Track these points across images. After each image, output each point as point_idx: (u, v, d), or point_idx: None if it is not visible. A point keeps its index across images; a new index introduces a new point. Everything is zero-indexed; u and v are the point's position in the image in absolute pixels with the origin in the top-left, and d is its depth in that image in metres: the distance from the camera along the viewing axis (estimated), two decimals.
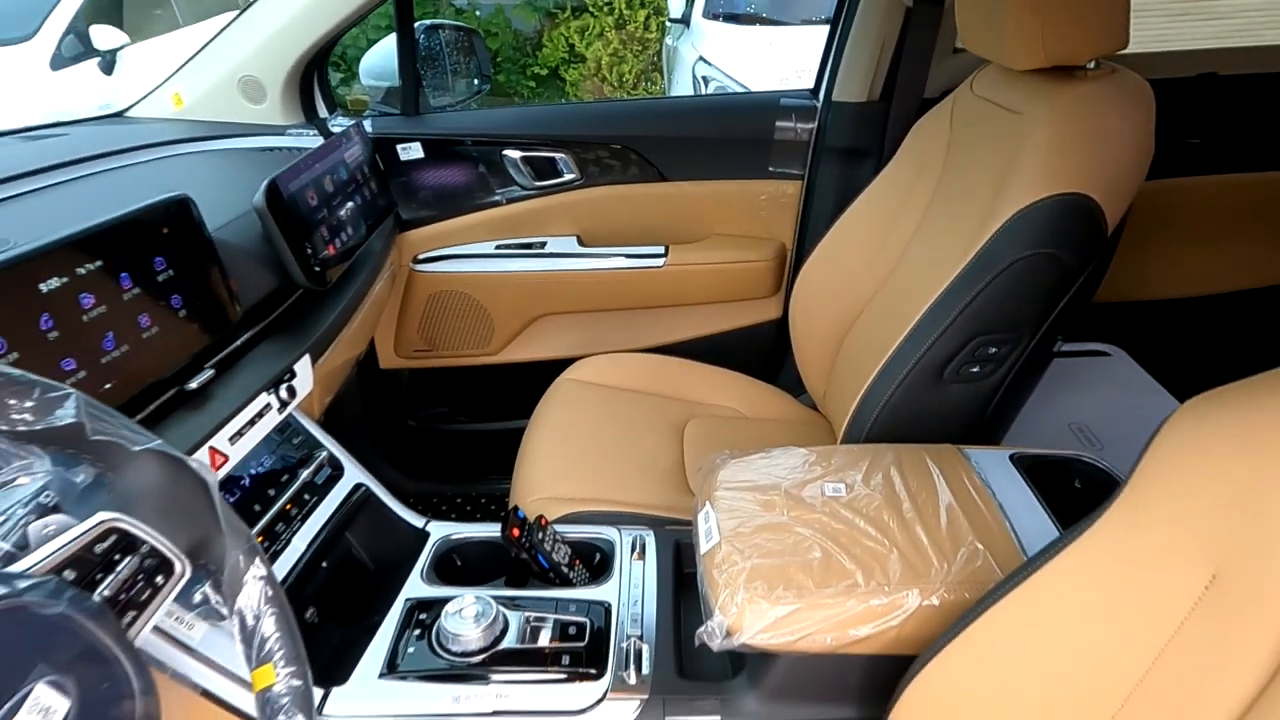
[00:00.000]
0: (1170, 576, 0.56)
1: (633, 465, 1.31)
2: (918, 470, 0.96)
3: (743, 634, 0.79)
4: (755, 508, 0.91)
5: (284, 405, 1.01)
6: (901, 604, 0.79)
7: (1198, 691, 0.54)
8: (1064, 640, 0.63)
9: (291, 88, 1.51)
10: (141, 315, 0.85)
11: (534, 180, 1.66)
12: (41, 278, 0.75)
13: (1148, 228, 1.67)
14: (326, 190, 1.21)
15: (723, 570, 0.83)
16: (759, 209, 1.69)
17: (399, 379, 1.81)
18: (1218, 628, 0.53)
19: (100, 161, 1.27)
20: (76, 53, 4.47)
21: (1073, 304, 1.04)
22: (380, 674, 0.87)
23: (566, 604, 0.95)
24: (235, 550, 0.56)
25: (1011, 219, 0.99)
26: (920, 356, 1.04)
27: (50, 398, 0.48)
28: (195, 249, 0.94)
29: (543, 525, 1.03)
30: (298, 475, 1.03)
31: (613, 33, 6.18)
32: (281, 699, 0.55)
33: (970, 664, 0.69)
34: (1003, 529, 0.87)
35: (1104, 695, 0.60)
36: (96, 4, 4.60)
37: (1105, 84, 1.04)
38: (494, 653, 0.88)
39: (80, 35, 4.48)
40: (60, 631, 0.43)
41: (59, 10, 4.41)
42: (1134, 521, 0.59)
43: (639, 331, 1.75)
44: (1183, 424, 0.58)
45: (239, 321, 1.01)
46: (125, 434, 0.52)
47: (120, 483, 0.53)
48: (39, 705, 0.40)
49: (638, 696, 0.85)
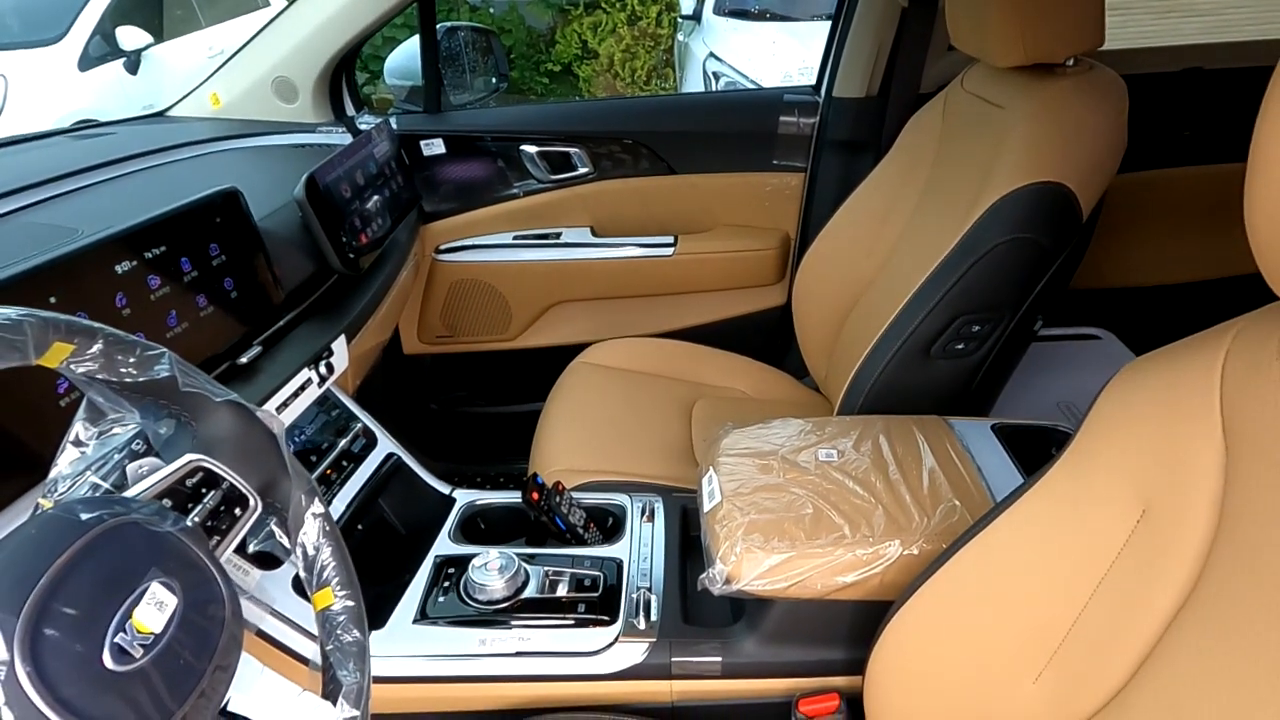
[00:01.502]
0: (1108, 515, 0.64)
1: (644, 442, 1.39)
2: (905, 438, 1.04)
3: (741, 580, 0.87)
4: (754, 471, 1.00)
5: (323, 380, 1.10)
6: (884, 553, 0.87)
7: (1132, 609, 0.62)
8: (1020, 576, 0.71)
9: (322, 88, 1.60)
10: (199, 296, 0.95)
11: (550, 174, 1.75)
12: (117, 260, 0.84)
13: (1136, 217, 1.74)
14: (358, 183, 1.30)
15: (723, 525, 0.91)
16: (764, 200, 1.78)
17: (422, 364, 1.90)
18: (1147, 555, 0.61)
19: (148, 158, 1.36)
20: (103, 53, 4.60)
21: (1051, 286, 1.12)
22: (414, 620, 0.97)
23: (582, 560, 1.04)
24: (298, 490, 0.66)
25: (993, 206, 1.07)
26: (909, 335, 1.12)
27: (149, 355, 0.57)
28: (244, 237, 1.03)
29: (560, 490, 1.11)
30: (336, 444, 1.13)
31: (625, 29, 6.26)
32: (339, 616, 0.64)
33: (940, 604, 0.77)
34: (980, 489, 0.95)
35: (1055, 621, 0.68)
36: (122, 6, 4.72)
37: (1081, 80, 1.12)
38: (516, 601, 0.97)
39: (107, 36, 4.61)
40: (166, 545, 0.52)
41: (86, 12, 4.54)
42: (1078, 470, 0.67)
43: (650, 317, 1.84)
44: (1119, 386, 0.66)
45: (282, 303, 1.10)
46: (208, 388, 0.61)
47: (203, 430, 0.62)
48: (155, 598, 0.49)
49: (646, 640, 0.94)
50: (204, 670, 0.50)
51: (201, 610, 0.52)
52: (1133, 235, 1.75)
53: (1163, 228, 1.77)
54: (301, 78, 1.58)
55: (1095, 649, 0.65)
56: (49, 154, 1.37)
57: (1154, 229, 1.77)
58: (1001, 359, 1.17)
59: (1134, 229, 1.75)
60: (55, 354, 0.52)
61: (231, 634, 0.53)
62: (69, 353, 0.52)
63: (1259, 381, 0.54)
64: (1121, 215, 1.63)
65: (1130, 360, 0.67)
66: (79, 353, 0.53)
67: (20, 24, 4.57)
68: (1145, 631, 0.61)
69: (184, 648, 0.50)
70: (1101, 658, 0.64)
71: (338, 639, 0.63)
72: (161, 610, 0.49)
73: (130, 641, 0.47)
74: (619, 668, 0.93)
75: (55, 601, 0.45)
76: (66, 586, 0.46)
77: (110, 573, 0.48)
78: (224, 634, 0.53)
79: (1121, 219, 1.64)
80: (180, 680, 0.49)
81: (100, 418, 0.63)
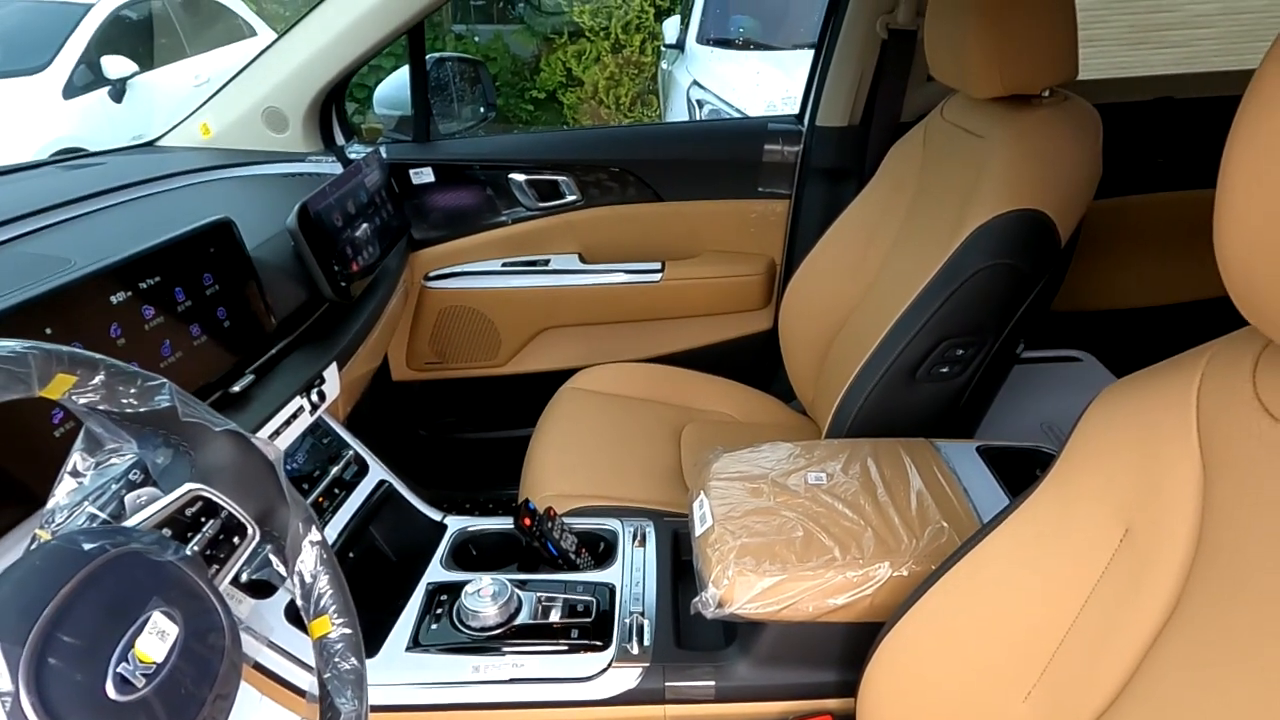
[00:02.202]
0: (1091, 536, 0.66)
1: (633, 466, 1.40)
2: (892, 460, 1.05)
3: (734, 604, 0.88)
4: (744, 495, 1.01)
5: (315, 408, 1.11)
6: (874, 575, 0.88)
7: (1117, 629, 0.63)
8: (1007, 596, 0.72)
9: (312, 118, 1.62)
10: (193, 325, 0.95)
11: (538, 201, 1.77)
12: (111, 291, 0.85)
13: (1113, 241, 1.78)
14: (349, 212, 1.31)
15: (715, 548, 0.92)
16: (749, 226, 1.80)
17: (411, 390, 1.91)
18: (1130, 575, 0.63)
19: (139, 188, 1.36)
20: (88, 81, 4.61)
21: (1032, 310, 1.14)
22: (407, 648, 0.97)
23: (574, 585, 1.05)
24: (296, 519, 0.66)
25: (974, 233, 1.10)
26: (894, 358, 1.14)
27: (150, 385, 0.58)
28: (237, 266, 1.04)
29: (551, 516, 1.12)
30: (328, 472, 1.13)
31: (609, 57, 6.34)
32: (336, 644, 0.65)
33: (929, 624, 0.78)
34: (966, 510, 0.96)
35: (1043, 640, 0.69)
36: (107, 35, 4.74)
37: (1057, 111, 1.15)
38: (509, 628, 0.98)
39: (91, 65, 4.62)
40: (167, 574, 0.53)
41: (72, 41, 4.55)
42: (1061, 492, 0.69)
43: (638, 343, 1.85)
44: (1099, 409, 0.68)
45: (274, 332, 1.11)
46: (207, 417, 0.62)
47: (201, 459, 0.63)
48: (157, 627, 0.50)
49: (640, 665, 0.94)
50: (205, 699, 0.51)
51: (202, 639, 0.53)
52: (1110, 260, 1.79)
53: (1139, 252, 1.81)
54: (292, 108, 1.59)
55: (1082, 668, 0.66)
56: (38, 184, 1.37)
57: (1131, 253, 1.81)
58: (985, 381, 1.19)
59: (1111, 254, 1.79)
60: (58, 385, 0.52)
61: (232, 662, 0.54)
62: (71, 384, 0.53)
63: (1233, 404, 0.56)
64: (1099, 240, 1.66)
65: (1110, 381, 0.69)
66: (81, 384, 0.54)
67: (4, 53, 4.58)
68: (1130, 650, 0.62)
69: (185, 677, 0.50)
70: (1089, 676, 0.65)
71: (335, 667, 0.64)
72: (163, 640, 0.50)
73: (133, 671, 0.47)
74: (613, 693, 0.93)
75: (59, 631, 0.45)
76: (70, 617, 0.46)
77: (112, 602, 0.49)
78: (224, 662, 0.53)
79: (1099, 244, 1.68)
80: (182, 709, 0.49)
81: (98, 448, 0.64)
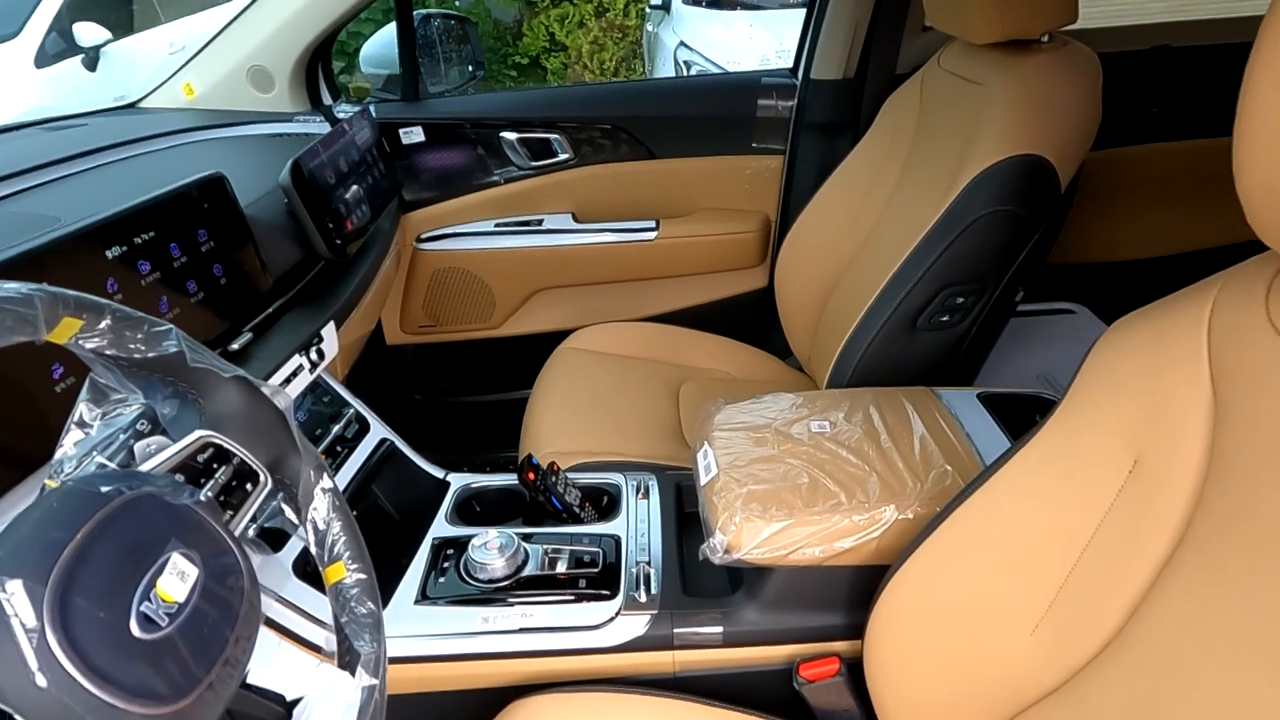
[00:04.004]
0: (1100, 468, 0.66)
1: (633, 423, 1.41)
2: (894, 408, 1.06)
3: (741, 549, 0.89)
4: (749, 444, 1.01)
5: (314, 366, 1.10)
6: (880, 518, 0.89)
7: (1126, 558, 0.64)
8: (1014, 534, 0.72)
9: (298, 77, 1.58)
10: (189, 282, 0.94)
11: (530, 161, 1.75)
12: (107, 246, 0.83)
13: (1108, 193, 1.78)
14: (341, 170, 1.29)
15: (721, 496, 0.92)
16: (744, 183, 1.79)
17: (405, 354, 1.90)
18: (1140, 504, 0.63)
19: (124, 149, 1.34)
20: (60, 49, 4.50)
21: (1031, 257, 1.14)
22: (415, 600, 0.97)
23: (580, 538, 1.05)
24: (307, 466, 0.66)
25: (974, 179, 1.09)
26: (895, 308, 1.14)
27: (156, 331, 0.57)
28: (232, 223, 1.02)
29: (555, 470, 1.12)
30: (330, 430, 1.12)
31: (592, 20, 6.24)
32: (352, 589, 0.65)
33: (935, 565, 0.79)
34: (970, 454, 0.97)
35: (1050, 575, 0.70)
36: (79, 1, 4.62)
37: (1056, 56, 1.14)
38: (517, 580, 0.98)
39: (64, 32, 4.51)
40: (184, 516, 0.52)
41: (42, 8, 4.43)
42: (1070, 426, 0.69)
43: (633, 302, 1.85)
44: (1108, 343, 0.68)
45: (270, 291, 1.10)
46: (216, 364, 0.61)
47: (211, 406, 0.62)
48: (177, 568, 0.49)
49: (648, 612, 0.95)
50: (228, 639, 0.51)
51: (221, 580, 0.52)
52: (1104, 212, 1.79)
53: (1133, 204, 1.82)
54: (277, 66, 1.56)
55: (1090, 599, 0.67)
56: (21, 146, 1.34)
57: (1124, 205, 1.81)
58: (985, 330, 1.19)
59: (1105, 206, 1.79)
60: (64, 330, 0.51)
61: (251, 603, 0.54)
62: (78, 328, 0.52)
63: (1245, 328, 0.57)
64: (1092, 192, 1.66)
65: (1104, 332, 0.69)
66: (88, 328, 0.53)
67: None
68: (1139, 578, 0.63)
69: (207, 617, 0.50)
70: (1096, 607, 0.66)
71: (352, 611, 0.64)
72: (184, 580, 0.50)
73: (156, 610, 0.47)
74: (622, 640, 0.94)
75: (81, 571, 0.45)
76: (90, 556, 0.46)
77: (132, 543, 0.48)
78: (244, 603, 0.53)
79: (1092, 196, 1.67)
80: (206, 649, 0.49)
81: (104, 399, 0.63)
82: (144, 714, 0.44)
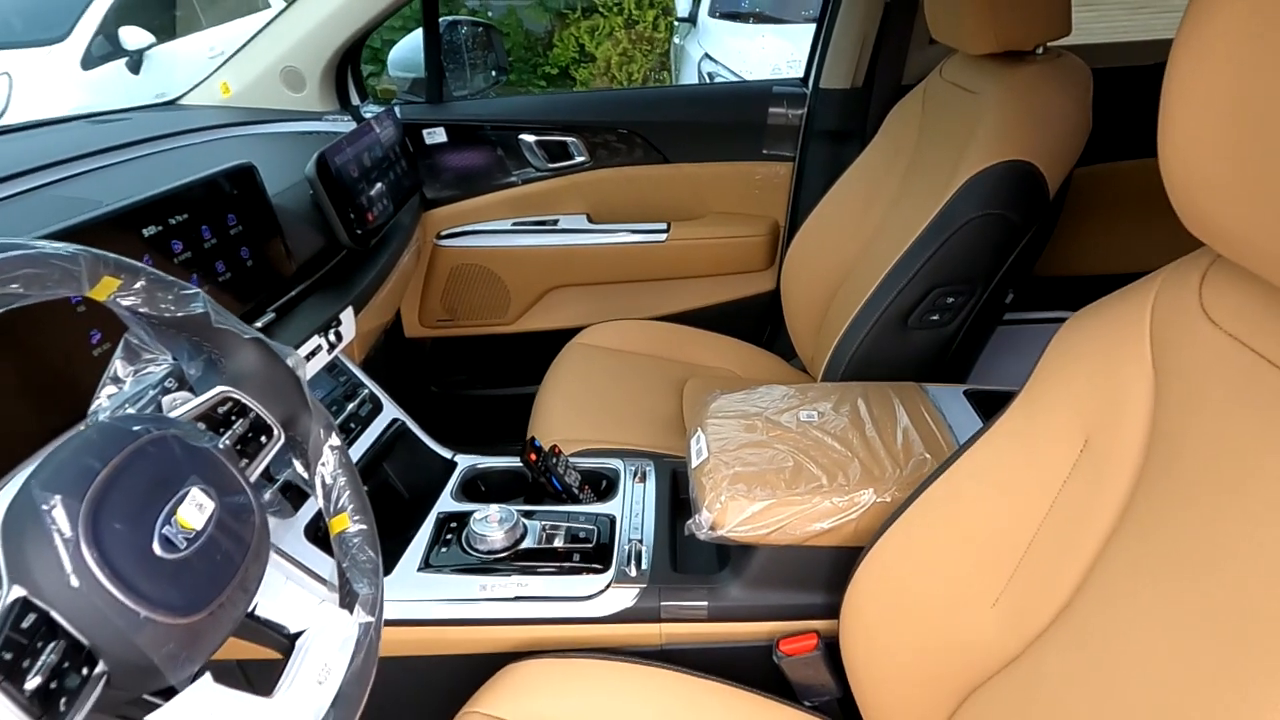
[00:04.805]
0: (1055, 448, 0.70)
1: (636, 416, 1.46)
2: (881, 401, 1.10)
3: (725, 526, 0.93)
4: (739, 431, 1.06)
5: (332, 347, 1.16)
6: (858, 501, 0.93)
7: (1076, 532, 0.68)
8: (977, 512, 0.76)
9: (328, 77, 1.66)
10: (218, 262, 1.01)
11: (547, 162, 1.81)
12: (143, 225, 0.90)
13: (1104, 207, 1.81)
14: (365, 165, 1.36)
15: (709, 476, 0.97)
16: (754, 188, 1.84)
17: (422, 347, 1.96)
18: (1089, 481, 0.67)
19: (162, 142, 1.42)
20: (106, 52, 4.66)
21: (1021, 260, 1.18)
22: (418, 568, 1.02)
23: (577, 516, 1.10)
24: (317, 425, 0.72)
25: (965, 183, 1.14)
26: (887, 305, 1.19)
27: (185, 293, 0.63)
28: (259, 209, 1.09)
29: (556, 453, 1.17)
30: (345, 408, 1.19)
31: (622, 32, 6.33)
32: (354, 538, 0.70)
33: (905, 545, 0.82)
34: (951, 444, 1.01)
35: (1010, 550, 0.74)
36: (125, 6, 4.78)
37: (1049, 67, 1.18)
38: (515, 551, 1.03)
39: (110, 36, 4.67)
40: (203, 457, 0.58)
41: (90, 12, 4.60)
42: (1029, 410, 0.74)
43: (643, 302, 1.90)
44: (1066, 331, 0.72)
45: (293, 275, 1.16)
46: (236, 326, 0.67)
47: (231, 365, 0.68)
48: (196, 501, 0.55)
49: (637, 585, 1.00)
50: (239, 567, 0.56)
51: (235, 515, 0.58)
52: (1101, 224, 1.82)
53: (1131, 217, 1.83)
54: (309, 67, 1.64)
55: (1044, 572, 0.71)
56: (67, 137, 1.43)
57: (1122, 218, 1.83)
58: (975, 331, 1.23)
59: (1103, 218, 1.81)
60: (104, 287, 0.58)
61: (261, 539, 0.59)
62: (116, 287, 0.58)
63: (1181, 315, 0.61)
64: (1090, 205, 1.69)
65: None
66: (125, 287, 0.59)
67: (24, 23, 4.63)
68: (1087, 551, 0.67)
69: (221, 546, 0.56)
70: (1050, 580, 0.70)
71: (353, 558, 0.69)
72: (201, 511, 0.55)
73: (176, 534, 0.53)
74: (611, 611, 0.98)
75: (112, 494, 0.51)
76: (120, 482, 0.52)
77: (156, 475, 0.54)
78: (255, 538, 0.59)
79: (1090, 208, 1.71)
80: (219, 573, 0.55)
81: (136, 357, 0.69)
82: (161, 621, 0.50)
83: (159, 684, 0.51)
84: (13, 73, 4.31)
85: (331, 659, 0.62)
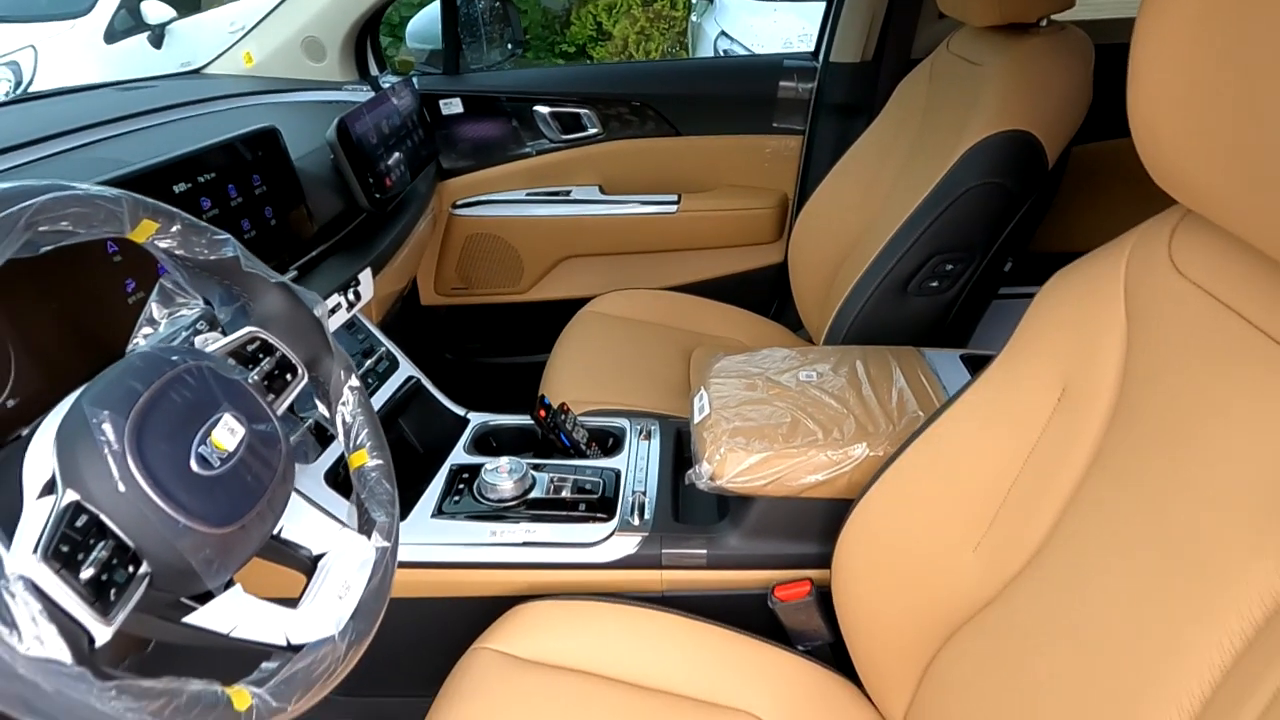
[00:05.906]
0: (1034, 398, 0.74)
1: (644, 380, 1.50)
2: (879, 363, 1.14)
3: (723, 477, 0.98)
4: (740, 389, 1.10)
5: (351, 306, 1.21)
6: (852, 454, 0.97)
7: (1051, 476, 0.72)
8: (962, 461, 0.80)
9: (348, 48, 1.70)
10: (243, 220, 1.06)
11: (561, 134, 1.85)
12: (174, 181, 0.95)
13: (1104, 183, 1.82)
14: (384, 132, 1.41)
15: (710, 430, 1.02)
16: (763, 161, 1.87)
17: (438, 315, 2.01)
18: (1065, 426, 0.71)
19: (186, 109, 1.47)
20: (129, 26, 4.71)
21: (1018, 230, 1.21)
22: (431, 515, 1.07)
23: (584, 469, 1.15)
24: (338, 366, 0.76)
25: (966, 153, 1.17)
26: (887, 272, 1.22)
27: (217, 239, 0.68)
28: (282, 171, 1.14)
29: (565, 410, 1.22)
30: (363, 364, 1.24)
31: (640, 10, 6.31)
32: (372, 472, 0.75)
33: (893, 495, 0.86)
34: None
35: (991, 496, 0.78)
36: None
37: (1051, 39, 1.21)
38: (524, 500, 1.08)
39: (132, 10, 4.71)
40: (235, 388, 0.63)
41: None
42: (1012, 361, 0.77)
43: (654, 272, 1.94)
44: (1049, 287, 0.76)
45: (314, 236, 1.21)
46: (264, 271, 0.72)
47: (258, 307, 0.73)
48: (228, 425, 0.60)
49: (640, 534, 1.04)
50: (266, 487, 0.61)
51: (264, 442, 0.63)
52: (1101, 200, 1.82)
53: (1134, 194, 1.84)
54: (329, 38, 1.68)
55: (1021, 516, 0.74)
56: (96, 103, 1.48)
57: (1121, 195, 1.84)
58: (973, 298, 1.26)
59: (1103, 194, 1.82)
60: (143, 230, 0.63)
61: (287, 465, 0.64)
62: (154, 230, 0.63)
63: (1152, 268, 0.64)
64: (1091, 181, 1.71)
65: None
66: (162, 231, 0.64)
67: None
68: (1060, 495, 0.70)
69: (251, 467, 0.61)
70: (1025, 523, 0.74)
71: (371, 490, 0.74)
72: (233, 435, 0.60)
73: (210, 453, 0.58)
74: (614, 557, 1.03)
75: (153, 414, 0.56)
76: (161, 405, 0.56)
77: (193, 400, 0.59)
78: (281, 463, 0.64)
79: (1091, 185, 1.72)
80: (249, 492, 0.60)
81: (170, 301, 0.74)
82: (196, 529, 0.55)
83: (196, 588, 0.56)
84: (38, 45, 4.37)
85: (351, 578, 0.67)
